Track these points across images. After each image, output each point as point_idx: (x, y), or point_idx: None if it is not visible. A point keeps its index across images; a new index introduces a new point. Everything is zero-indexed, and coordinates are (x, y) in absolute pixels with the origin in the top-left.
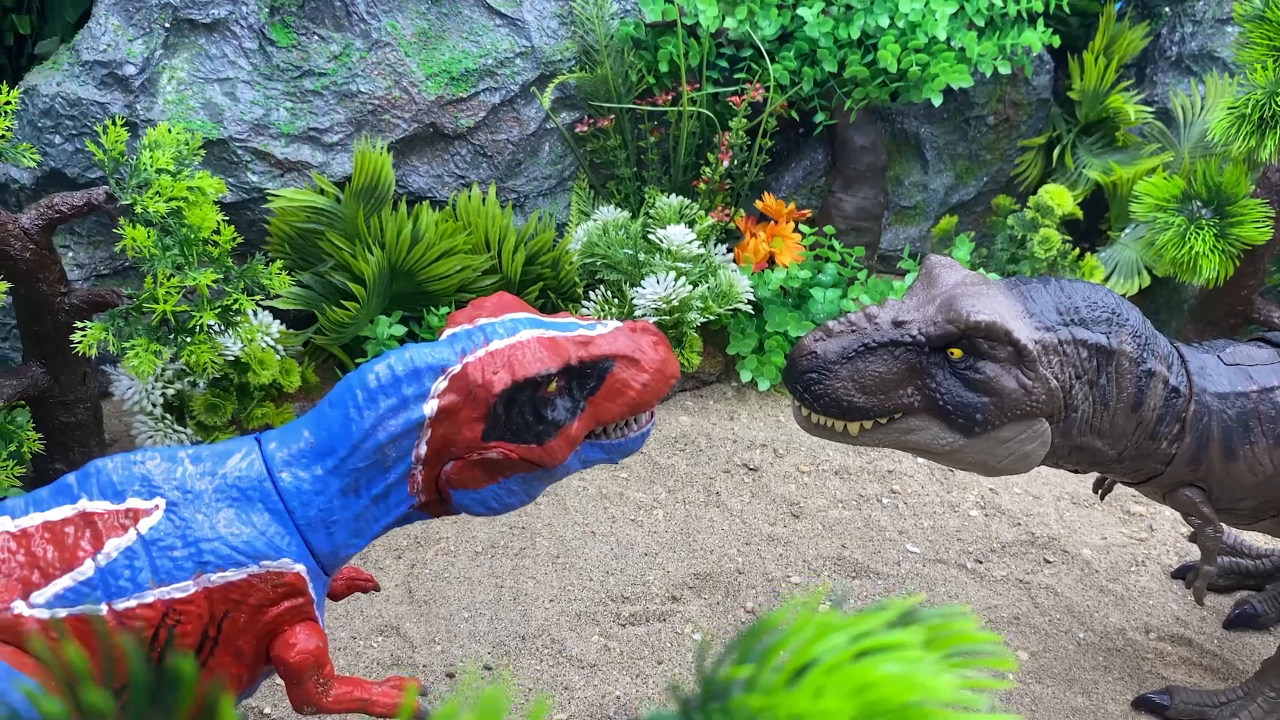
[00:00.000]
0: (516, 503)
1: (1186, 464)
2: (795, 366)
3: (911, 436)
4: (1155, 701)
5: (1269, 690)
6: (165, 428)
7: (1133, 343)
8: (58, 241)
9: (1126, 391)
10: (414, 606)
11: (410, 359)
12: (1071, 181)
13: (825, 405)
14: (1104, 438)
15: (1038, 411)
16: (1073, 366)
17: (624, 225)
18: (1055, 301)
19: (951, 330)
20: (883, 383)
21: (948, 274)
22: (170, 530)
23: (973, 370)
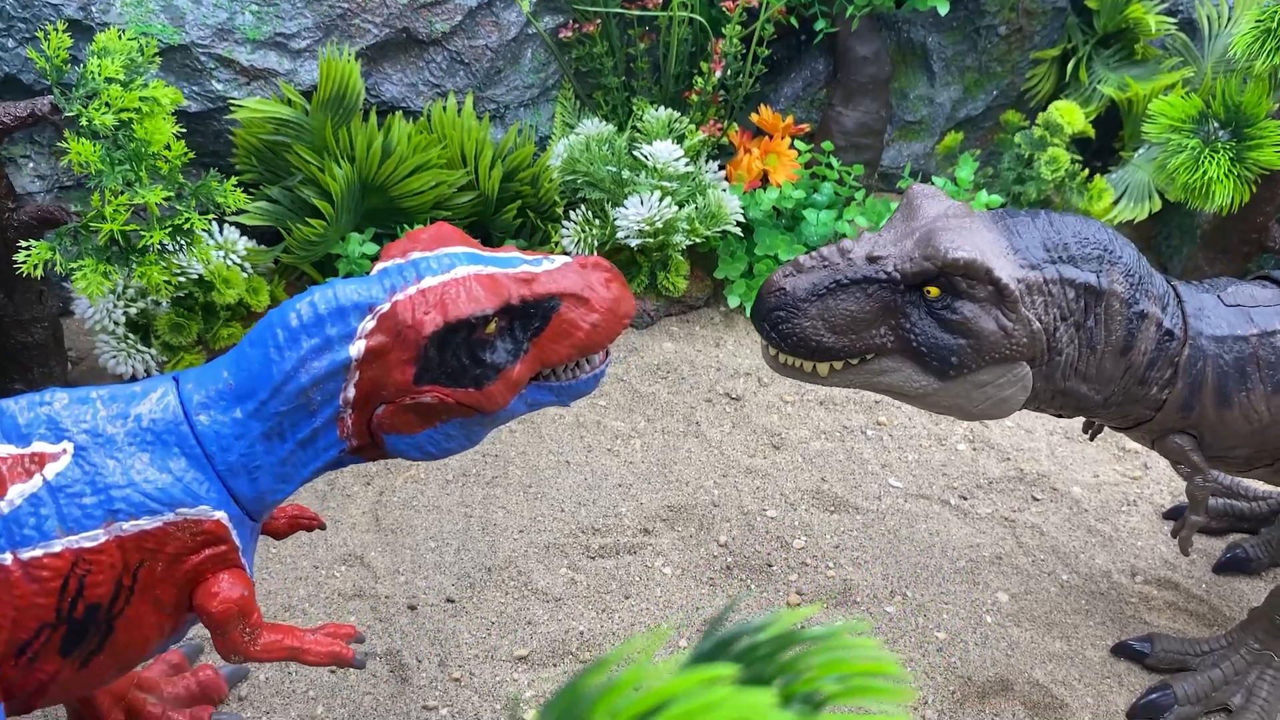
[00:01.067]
0: (456, 448)
1: (1177, 410)
2: (763, 304)
3: (884, 378)
4: (1135, 649)
5: (1252, 641)
6: (129, 348)
7: (1125, 282)
8: (17, 151)
9: (1116, 334)
10: (380, 535)
11: (335, 296)
12: (1085, 97)
13: (793, 345)
14: (1090, 382)
15: (1017, 355)
16: (1058, 307)
17: (608, 140)
18: (1043, 237)
19: (928, 267)
20: (854, 322)
21: (929, 205)
22: (79, 476)
23: (949, 310)
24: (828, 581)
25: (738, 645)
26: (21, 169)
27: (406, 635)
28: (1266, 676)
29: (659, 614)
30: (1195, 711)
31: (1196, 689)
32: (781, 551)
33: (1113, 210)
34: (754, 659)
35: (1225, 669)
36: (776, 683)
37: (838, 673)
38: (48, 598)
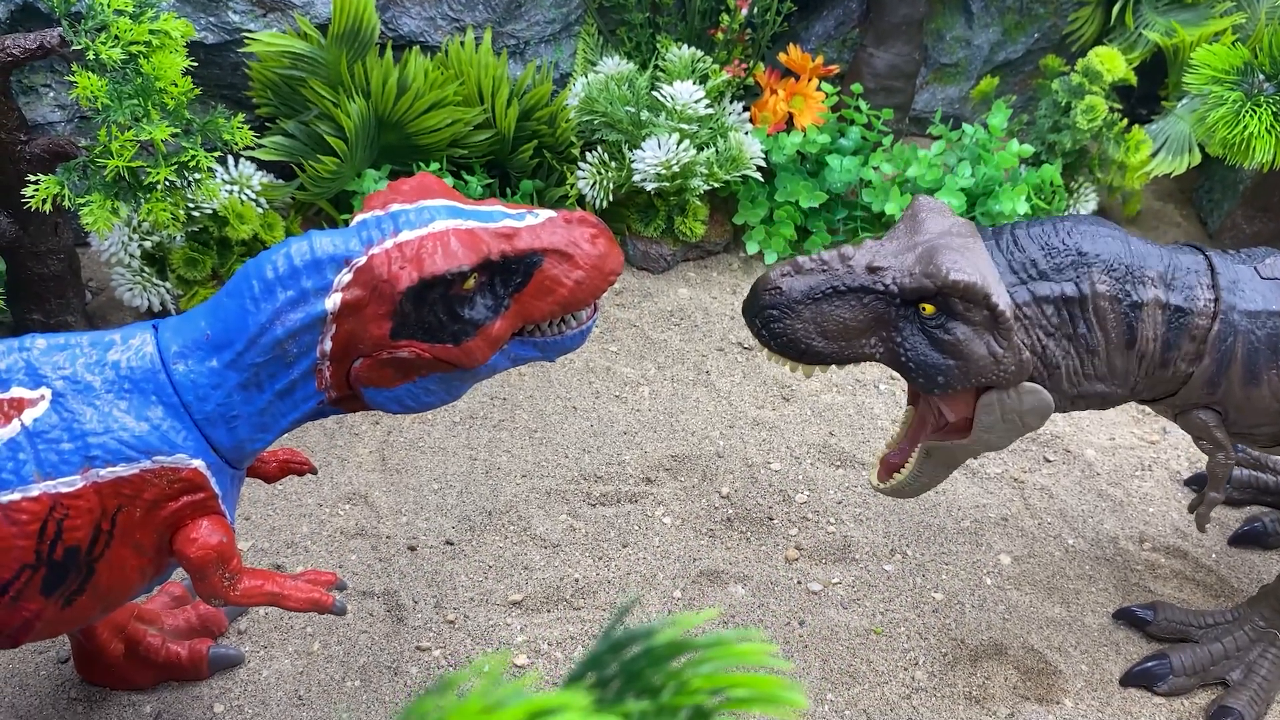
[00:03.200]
0: (435, 402)
1: (1203, 386)
2: (757, 300)
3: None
4: (1137, 615)
5: (1258, 618)
6: (144, 280)
7: (1108, 279)
8: (38, 80)
9: (1114, 332)
10: (385, 475)
11: (311, 248)
12: (1130, 42)
13: (782, 345)
14: (1106, 380)
15: (1005, 380)
16: (1040, 328)
17: (629, 79)
18: (1008, 259)
19: (927, 285)
20: (846, 329)
21: (934, 220)
22: (56, 422)
23: (942, 330)
24: (828, 537)
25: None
26: (42, 98)
27: (405, 576)
28: (1269, 655)
29: (656, 564)
30: (1191, 683)
31: (1195, 661)
32: (783, 505)
33: (1150, 163)
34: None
35: (1227, 643)
36: (666, 692)
37: (717, 686)
38: (27, 540)
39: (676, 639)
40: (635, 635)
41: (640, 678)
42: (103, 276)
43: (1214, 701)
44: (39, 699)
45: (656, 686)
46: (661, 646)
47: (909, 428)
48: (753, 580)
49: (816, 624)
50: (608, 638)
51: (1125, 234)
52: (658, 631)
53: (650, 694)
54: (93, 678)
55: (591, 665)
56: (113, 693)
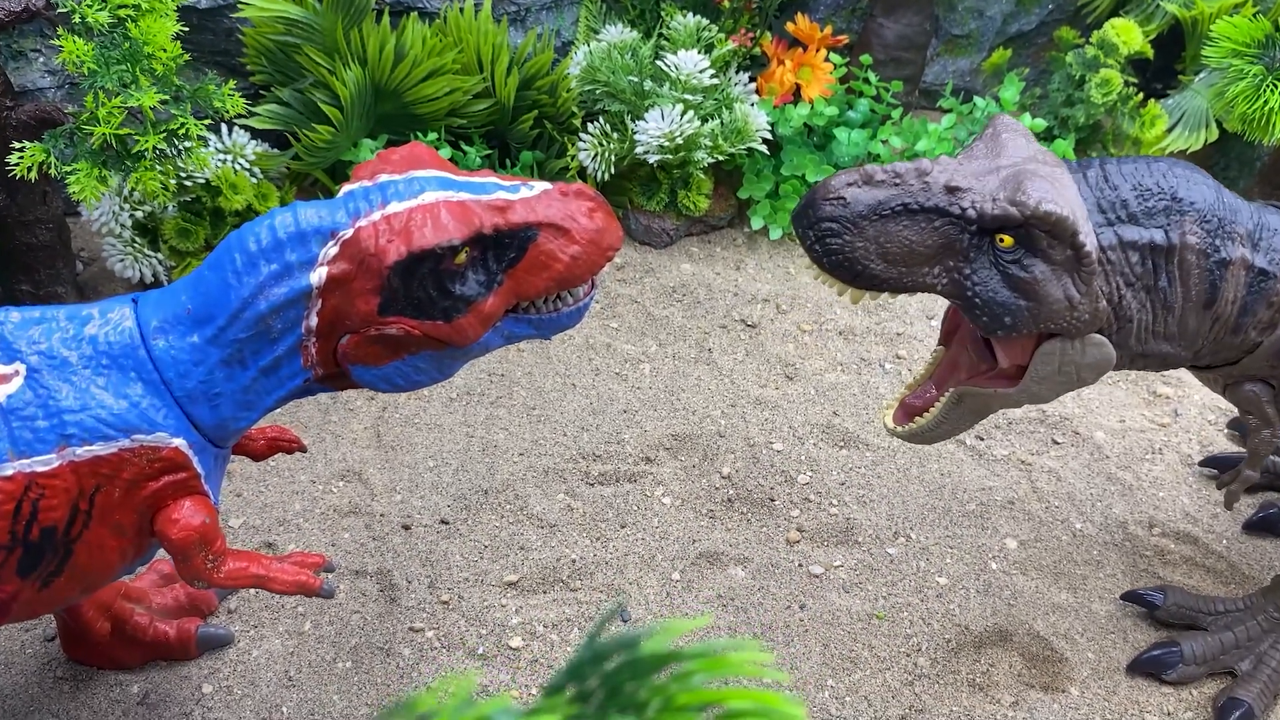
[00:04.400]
0: (426, 380)
1: (1270, 357)
2: (815, 210)
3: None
4: (1145, 598)
5: (1272, 609)
6: (136, 251)
7: (1199, 231)
8: (27, 45)
9: (1196, 289)
10: (380, 451)
11: (295, 220)
12: (1147, 14)
13: (836, 264)
14: (1173, 341)
15: (1076, 329)
16: (1120, 275)
17: (632, 47)
18: (1097, 197)
19: (1013, 214)
20: (911, 254)
21: (1018, 143)
22: (31, 399)
23: (1019, 266)
24: (830, 519)
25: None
26: (31, 63)
27: (399, 555)
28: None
29: (654, 545)
30: (1200, 672)
31: (1205, 649)
32: (785, 486)
33: (1166, 139)
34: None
35: (1238, 633)
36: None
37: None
38: (1, 520)
39: (662, 650)
40: (619, 644)
41: (623, 692)
42: (94, 247)
43: (1222, 692)
44: (24, 677)
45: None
46: (647, 658)
47: (936, 369)
48: (753, 563)
49: (818, 608)
50: (591, 645)
51: (1218, 183)
52: (643, 640)
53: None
54: (79, 656)
55: (572, 675)
56: (99, 672)
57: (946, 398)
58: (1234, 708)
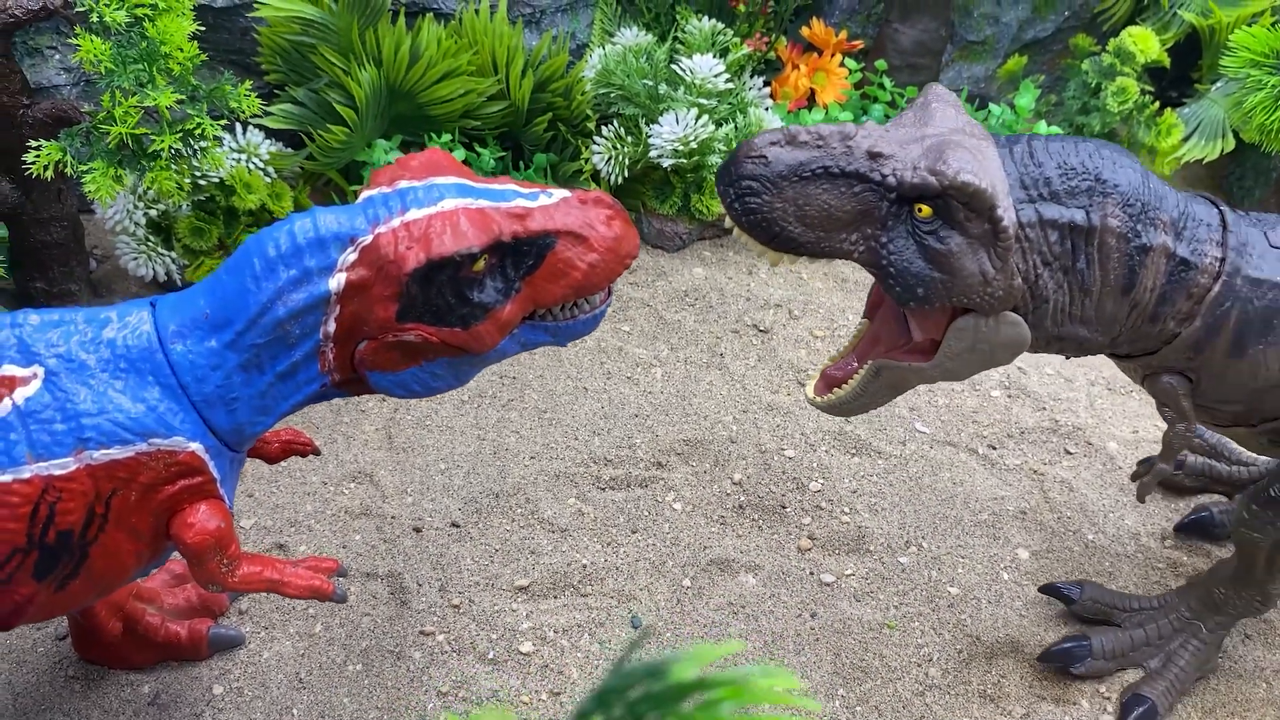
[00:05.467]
0: (443, 387)
1: (1186, 350)
2: (738, 167)
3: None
4: (1062, 592)
5: (1184, 609)
6: (149, 249)
7: (1121, 215)
8: (43, 42)
9: (1114, 274)
10: (391, 453)
11: (315, 225)
12: (1164, 22)
13: (753, 224)
14: (1090, 325)
15: (987, 307)
16: (1038, 254)
17: (647, 51)
18: (1020, 173)
19: (932, 184)
20: (829, 219)
21: (945, 112)
22: (49, 402)
23: (935, 237)
24: (841, 527)
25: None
26: (48, 61)
27: (409, 558)
28: (1190, 646)
29: (665, 551)
30: (1109, 667)
31: (1115, 645)
32: (797, 493)
33: (1182, 148)
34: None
35: (1150, 630)
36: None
37: None
38: (18, 523)
39: (691, 678)
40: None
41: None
42: (107, 244)
43: (1128, 688)
44: (36, 676)
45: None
46: (674, 685)
47: (859, 342)
48: (764, 570)
49: (829, 617)
50: (618, 671)
51: (1146, 170)
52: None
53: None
54: (91, 656)
55: (599, 704)
56: (110, 672)
57: (865, 370)
58: (1137, 704)
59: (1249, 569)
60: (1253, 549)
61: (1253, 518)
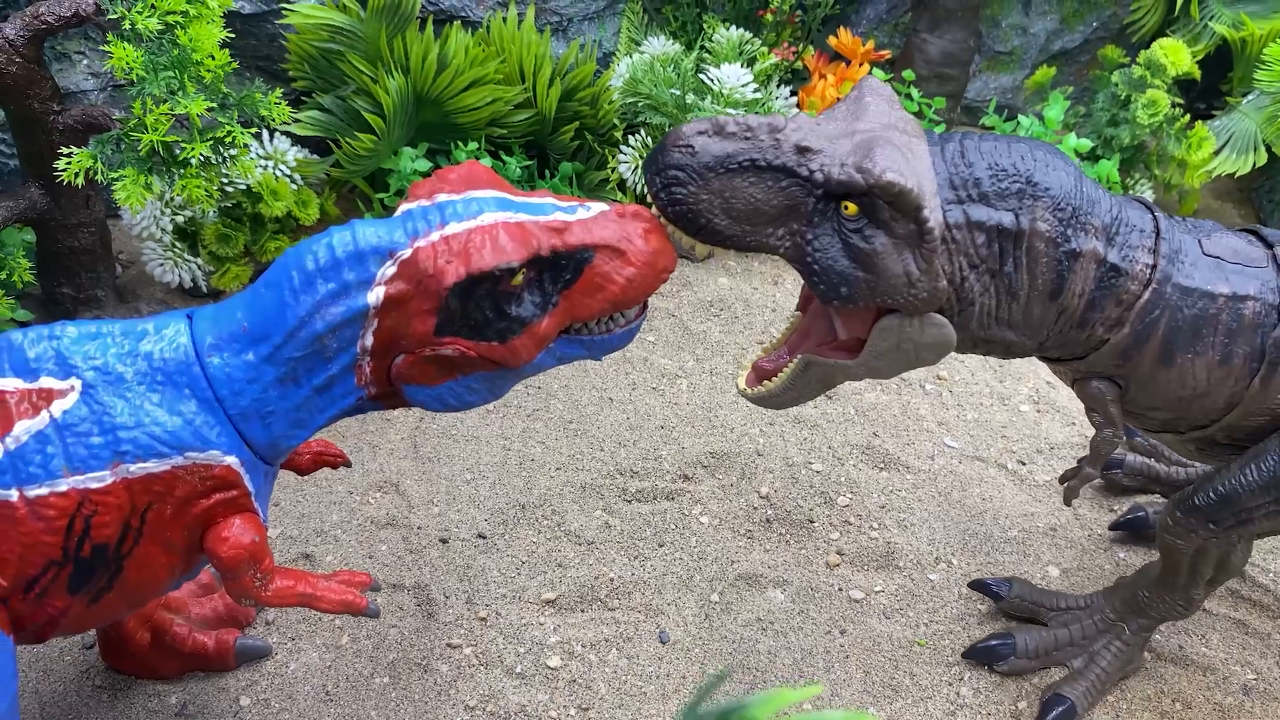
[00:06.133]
0: (478, 401)
1: (1114, 356)
2: (665, 155)
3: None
4: (991, 588)
5: (1109, 610)
6: (176, 256)
7: (1051, 219)
8: (71, 47)
9: (1042, 278)
10: (417, 463)
11: (354, 239)
12: (1194, 34)
13: (678, 215)
14: (1017, 329)
15: (911, 308)
16: (964, 256)
17: (674, 60)
18: (950, 172)
19: (857, 181)
20: (755, 213)
21: (879, 109)
22: (86, 415)
23: (860, 236)
24: (870, 543)
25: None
26: (75, 65)
27: (436, 569)
28: (1113, 647)
29: (692, 565)
30: (1032, 666)
31: (1039, 644)
32: (825, 508)
33: (1213, 161)
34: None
35: (1074, 630)
36: None
37: None
38: (54, 536)
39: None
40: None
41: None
42: (133, 250)
43: (1049, 687)
44: (63, 685)
45: None
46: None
47: (790, 335)
48: (792, 585)
49: (858, 634)
50: (692, 715)
51: (1080, 172)
52: (747, 710)
53: None
54: (118, 665)
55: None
56: (137, 681)
57: (794, 364)
58: (1057, 704)
59: (1173, 574)
60: (1176, 555)
61: (1176, 524)
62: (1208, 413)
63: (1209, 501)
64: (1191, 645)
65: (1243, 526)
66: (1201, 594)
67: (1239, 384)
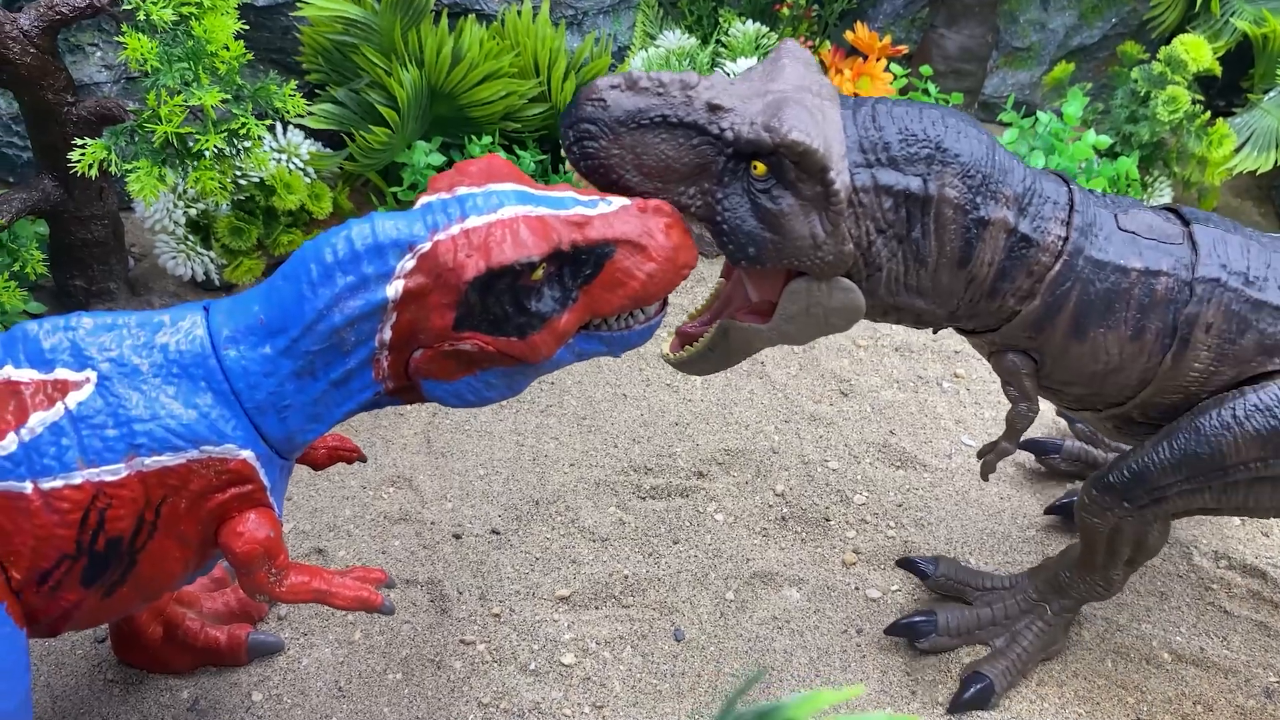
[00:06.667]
0: (496, 396)
1: (1026, 328)
2: (578, 110)
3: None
4: (918, 566)
5: (1032, 590)
6: (188, 249)
7: (960, 186)
8: (85, 39)
9: (950, 245)
10: (430, 458)
11: (373, 231)
12: (1215, 30)
13: (590, 169)
14: (926, 296)
15: (818, 271)
16: (871, 219)
17: (690, 54)
18: (860, 135)
19: (764, 140)
20: (667, 170)
21: (795, 70)
22: (101, 407)
23: (768, 196)
24: (887, 541)
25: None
26: (89, 57)
27: (449, 565)
28: (1034, 627)
29: (707, 563)
30: (953, 644)
31: (961, 623)
32: (841, 506)
33: (1234, 158)
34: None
35: (997, 610)
36: None
37: None
38: (68, 529)
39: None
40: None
41: None
42: (145, 243)
43: (969, 665)
44: (75, 679)
45: None
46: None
47: (713, 301)
48: (808, 584)
49: (875, 633)
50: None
51: (995, 141)
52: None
53: None
54: (130, 659)
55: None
56: (149, 676)
57: (714, 329)
58: (975, 681)
59: (1091, 554)
60: (1094, 535)
61: (1092, 502)
62: (1121, 389)
63: (1123, 479)
64: (1213, 647)
65: (1156, 505)
66: (1121, 574)
67: (1151, 360)
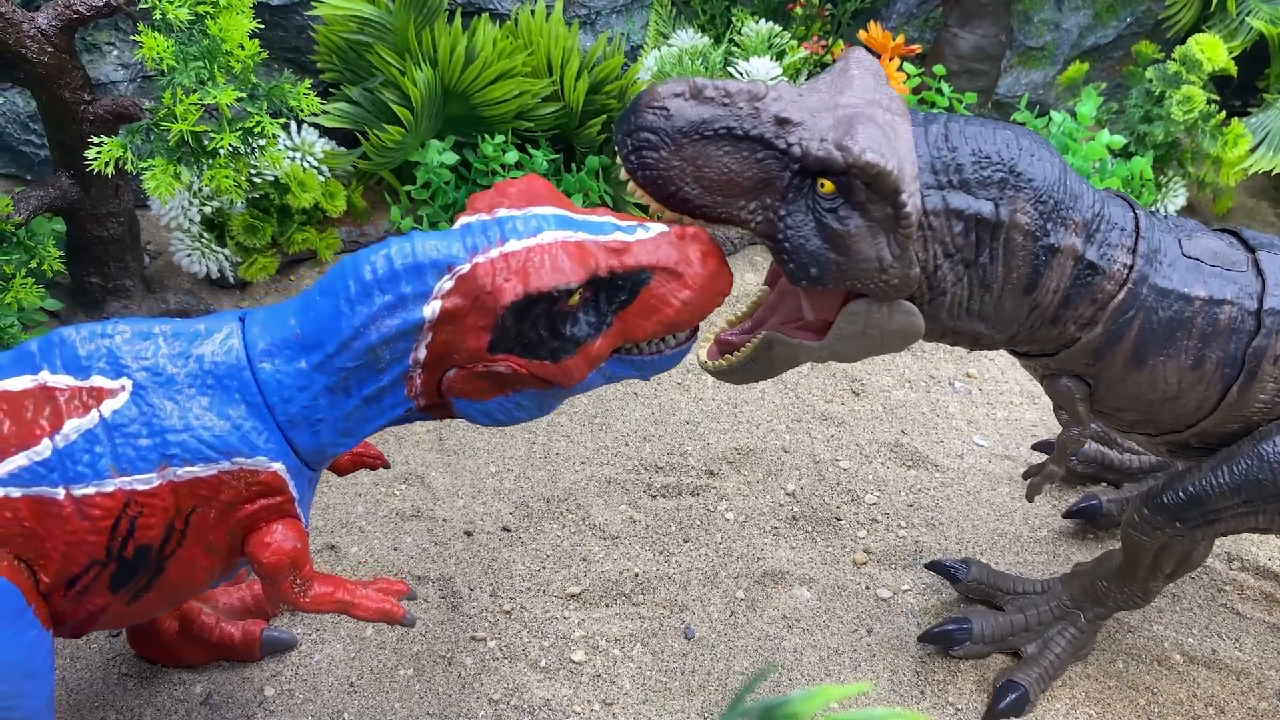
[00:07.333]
0: (526, 417)
1: (1085, 355)
2: (637, 117)
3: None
4: (948, 568)
5: (1065, 597)
6: (203, 246)
7: (1032, 212)
8: (102, 38)
9: (1017, 272)
10: (442, 455)
11: (413, 251)
12: (1230, 30)
13: (648, 180)
14: (988, 321)
15: (882, 294)
16: (940, 243)
17: (703, 54)
18: (932, 155)
19: (835, 159)
20: (728, 183)
21: (865, 84)
22: (135, 416)
23: (835, 216)
24: (898, 541)
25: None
26: (105, 56)
27: (460, 562)
28: (1067, 634)
29: (718, 561)
30: (987, 650)
31: (995, 629)
32: (852, 506)
33: (1249, 159)
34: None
35: (1030, 616)
36: None
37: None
38: (98, 536)
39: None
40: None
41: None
42: (161, 240)
43: (1003, 673)
44: (89, 672)
45: None
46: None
47: (756, 309)
48: (819, 583)
49: (885, 633)
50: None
51: (1065, 164)
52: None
53: None
54: (145, 653)
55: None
56: (163, 670)
57: (758, 340)
58: (1010, 690)
59: (1133, 567)
60: (1139, 550)
61: (1143, 521)
62: (1177, 417)
63: (1178, 501)
64: (1225, 649)
65: (1209, 526)
66: (1159, 586)
67: (1209, 390)
